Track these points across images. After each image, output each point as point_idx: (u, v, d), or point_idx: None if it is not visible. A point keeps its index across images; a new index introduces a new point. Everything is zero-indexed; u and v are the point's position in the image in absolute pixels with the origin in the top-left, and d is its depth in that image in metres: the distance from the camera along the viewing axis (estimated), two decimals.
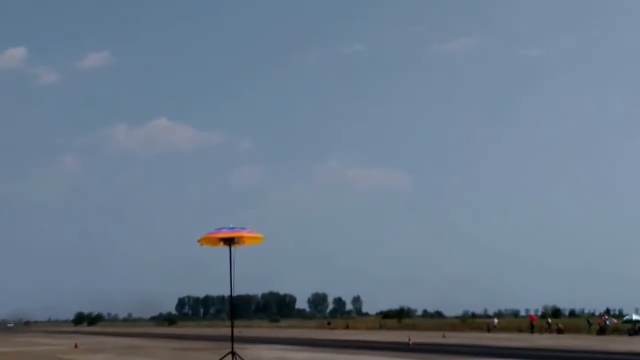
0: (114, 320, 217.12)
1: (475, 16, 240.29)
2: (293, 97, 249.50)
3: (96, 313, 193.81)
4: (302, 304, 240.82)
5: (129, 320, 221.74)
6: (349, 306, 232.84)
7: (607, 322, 61.57)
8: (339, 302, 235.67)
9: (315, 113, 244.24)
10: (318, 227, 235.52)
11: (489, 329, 70.96)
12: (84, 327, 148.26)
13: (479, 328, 77.19)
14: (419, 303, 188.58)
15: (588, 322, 68.74)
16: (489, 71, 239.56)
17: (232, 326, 18.49)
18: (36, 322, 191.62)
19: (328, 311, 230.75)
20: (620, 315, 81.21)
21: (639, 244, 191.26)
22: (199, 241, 17.82)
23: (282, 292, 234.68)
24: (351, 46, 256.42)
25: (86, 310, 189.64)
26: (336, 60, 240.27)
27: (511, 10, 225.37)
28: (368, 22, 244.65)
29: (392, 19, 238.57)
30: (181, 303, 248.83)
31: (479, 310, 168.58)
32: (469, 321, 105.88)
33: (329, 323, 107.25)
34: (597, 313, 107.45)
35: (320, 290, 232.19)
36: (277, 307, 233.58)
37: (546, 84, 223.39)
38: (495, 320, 79.58)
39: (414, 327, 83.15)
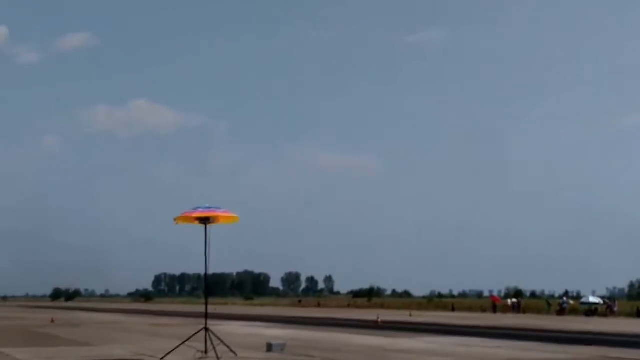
0: (91, 296, 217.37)
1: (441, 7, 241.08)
2: (269, 80, 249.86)
3: (73, 289, 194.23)
4: (276, 282, 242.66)
5: (106, 296, 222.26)
6: (321, 285, 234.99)
7: (565, 304, 64.01)
8: (311, 281, 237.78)
9: (291, 96, 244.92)
10: (292, 208, 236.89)
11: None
12: (61, 303, 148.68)
13: (444, 307, 79.21)
14: (388, 283, 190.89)
15: (547, 303, 70.98)
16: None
17: (207, 303, 19.10)
18: (13, 297, 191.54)
19: (301, 290, 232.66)
20: (578, 297, 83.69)
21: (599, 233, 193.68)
22: (175, 220, 17.85)
23: (256, 271, 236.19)
24: (324, 31, 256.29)
25: (63, 286, 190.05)
26: (310, 45, 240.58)
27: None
28: (343, 8, 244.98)
29: (367, 7, 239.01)
30: (157, 280, 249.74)
31: (444, 291, 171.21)
32: (435, 301, 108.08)
33: (300, 301, 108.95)
34: (556, 295, 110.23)
35: (293, 270, 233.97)
36: (251, 285, 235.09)
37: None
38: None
39: (382, 306, 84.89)
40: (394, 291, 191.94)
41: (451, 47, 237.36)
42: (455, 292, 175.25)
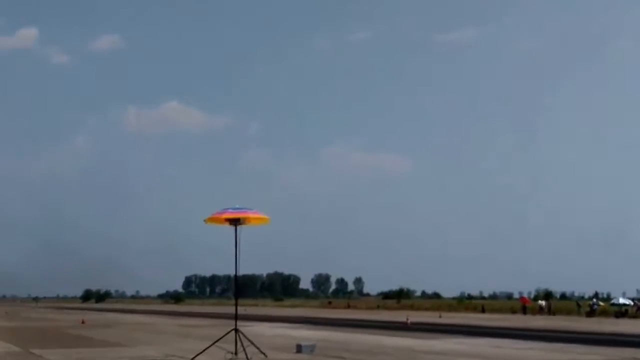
0: (121, 297, 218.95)
1: (479, 7, 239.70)
2: (300, 82, 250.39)
3: (104, 290, 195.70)
4: (305, 284, 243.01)
5: (136, 297, 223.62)
6: (350, 287, 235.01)
7: (595, 306, 63.51)
8: (341, 282, 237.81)
9: (322, 98, 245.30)
10: (322, 209, 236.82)
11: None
12: (92, 304, 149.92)
13: (474, 309, 78.83)
14: (418, 284, 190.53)
15: (577, 304, 70.39)
16: (491, 61, 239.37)
17: (237, 304, 19.20)
18: (45, 298, 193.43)
19: (330, 291, 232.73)
20: (608, 298, 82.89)
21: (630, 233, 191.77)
22: (205, 221, 17.78)
23: (286, 272, 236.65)
24: (357, 33, 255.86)
25: (94, 287, 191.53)
26: (342, 47, 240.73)
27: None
28: (375, 10, 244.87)
29: (400, 8, 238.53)
30: (188, 281, 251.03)
31: (474, 292, 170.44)
32: (465, 302, 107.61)
33: (329, 302, 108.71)
34: (586, 296, 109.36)
35: (323, 271, 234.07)
36: (281, 286, 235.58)
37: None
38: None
39: (412, 307, 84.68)
40: (423, 292, 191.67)
41: (484, 46, 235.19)
42: (485, 294, 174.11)
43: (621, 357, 19.57)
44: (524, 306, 70.72)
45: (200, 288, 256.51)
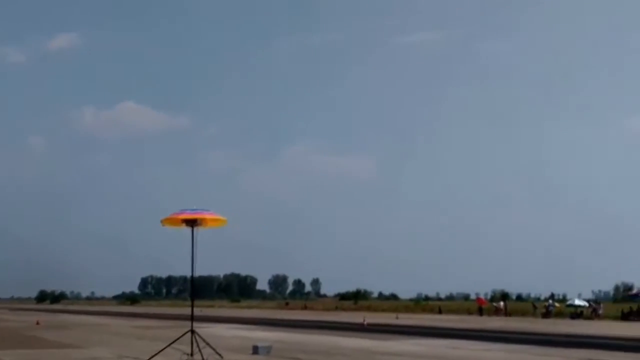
0: (76, 298, 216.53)
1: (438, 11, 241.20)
2: (260, 83, 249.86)
3: (59, 291, 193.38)
4: (262, 285, 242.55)
5: (91, 298, 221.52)
6: (308, 288, 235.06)
7: (550, 307, 64.31)
8: (298, 283, 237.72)
9: (282, 99, 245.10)
10: (281, 210, 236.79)
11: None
12: (47, 305, 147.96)
13: (431, 310, 79.29)
14: (375, 285, 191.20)
15: (533, 305, 71.18)
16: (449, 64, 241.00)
17: (193, 305, 19.15)
18: None
19: (288, 292, 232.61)
20: (564, 299, 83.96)
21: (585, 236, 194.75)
22: (161, 222, 17.57)
23: (243, 273, 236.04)
24: (318, 36, 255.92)
25: (49, 288, 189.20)
26: (303, 49, 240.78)
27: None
28: (337, 11, 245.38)
29: (359, 10, 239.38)
30: (144, 282, 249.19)
31: (431, 293, 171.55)
32: (422, 303, 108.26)
33: (287, 304, 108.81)
34: (542, 297, 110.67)
35: (280, 272, 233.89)
36: (238, 287, 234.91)
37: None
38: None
39: (369, 309, 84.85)
40: (380, 294, 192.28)
41: (445, 48, 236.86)
42: (442, 295, 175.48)
43: (576, 358, 19.75)
44: (481, 307, 71.23)
45: (156, 289, 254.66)
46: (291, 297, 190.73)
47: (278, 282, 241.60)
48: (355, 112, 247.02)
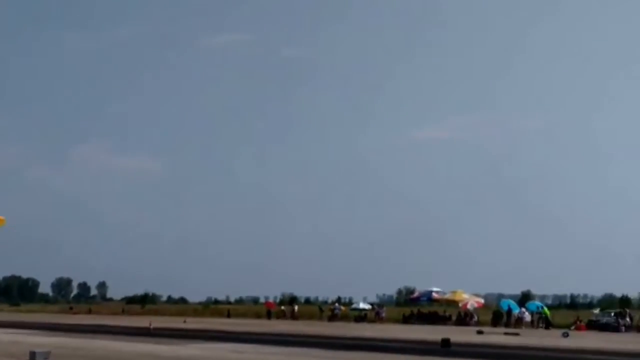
0: None
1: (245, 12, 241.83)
2: (48, 79, 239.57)
3: None
4: (45, 288, 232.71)
5: None
6: (93, 291, 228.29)
7: (337, 310, 66.30)
8: (83, 287, 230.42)
9: (72, 97, 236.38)
10: (67, 209, 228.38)
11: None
12: None
13: (220, 314, 79.42)
14: (164, 289, 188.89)
15: (320, 309, 73.02)
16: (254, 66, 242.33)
17: None
18: None
19: (72, 296, 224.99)
20: (350, 303, 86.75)
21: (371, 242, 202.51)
22: None
23: (24, 275, 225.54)
24: (112, 31, 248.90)
25: None
26: (95, 46, 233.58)
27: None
28: (137, 7, 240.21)
29: (156, 7, 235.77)
30: None
31: (221, 297, 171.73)
32: (211, 307, 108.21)
33: (71, 308, 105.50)
34: (329, 301, 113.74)
35: (64, 275, 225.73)
36: (18, 291, 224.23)
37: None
38: None
39: (157, 313, 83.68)
40: (169, 297, 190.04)
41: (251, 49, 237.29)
42: (232, 299, 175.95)
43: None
44: (269, 311, 72.10)
45: None
46: (75, 301, 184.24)
47: (62, 285, 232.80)
48: (147, 112, 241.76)
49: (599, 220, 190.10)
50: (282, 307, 75.97)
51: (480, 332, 40.35)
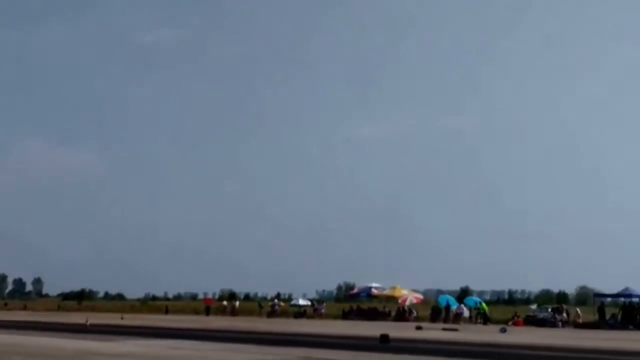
0: None
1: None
2: None
3: None
4: None
5: None
6: (29, 287, 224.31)
7: (276, 306, 66.36)
8: (19, 283, 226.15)
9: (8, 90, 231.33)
10: (3, 205, 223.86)
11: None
12: None
13: (158, 310, 78.79)
14: (101, 285, 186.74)
15: (259, 305, 73.06)
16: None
17: None
18: None
19: (7, 292, 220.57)
20: (289, 299, 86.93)
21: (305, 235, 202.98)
22: None
23: None
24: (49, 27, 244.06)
25: None
26: (36, 41, 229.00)
27: None
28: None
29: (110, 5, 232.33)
30: None
31: (159, 293, 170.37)
32: (149, 303, 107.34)
33: (6, 304, 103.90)
34: (269, 297, 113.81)
35: None
36: None
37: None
38: None
39: (94, 309, 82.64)
40: (107, 294, 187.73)
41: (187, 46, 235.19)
42: (170, 295, 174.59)
43: (296, 356, 20.33)
44: (208, 307, 71.77)
45: None
46: (10, 298, 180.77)
47: None
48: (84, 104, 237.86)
49: (537, 215, 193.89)
50: (224, 303, 75.66)
51: (419, 328, 40.68)
